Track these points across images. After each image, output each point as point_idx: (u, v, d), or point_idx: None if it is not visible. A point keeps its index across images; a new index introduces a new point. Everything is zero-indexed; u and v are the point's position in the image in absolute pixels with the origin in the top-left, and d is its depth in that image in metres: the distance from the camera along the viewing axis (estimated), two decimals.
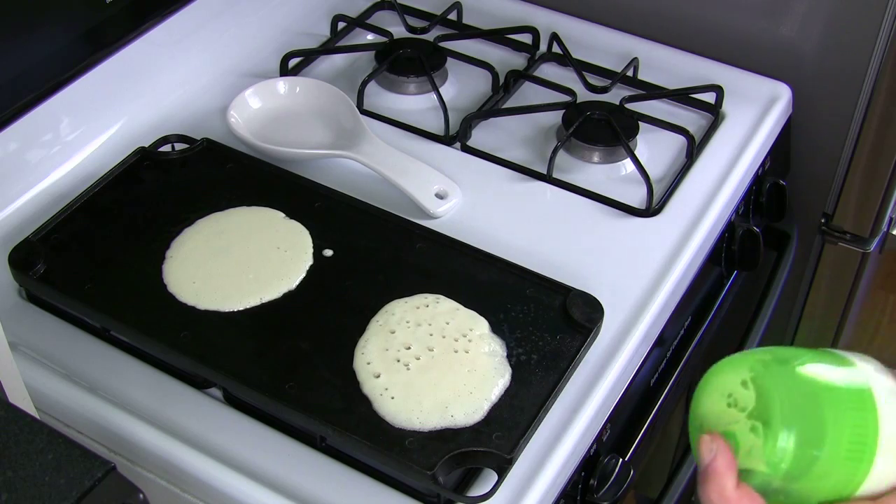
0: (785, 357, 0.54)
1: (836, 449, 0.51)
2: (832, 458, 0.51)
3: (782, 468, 0.52)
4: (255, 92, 1.10)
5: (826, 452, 0.51)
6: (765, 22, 1.19)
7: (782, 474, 0.52)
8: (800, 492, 0.52)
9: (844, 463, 0.52)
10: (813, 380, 0.53)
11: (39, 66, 0.99)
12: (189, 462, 0.79)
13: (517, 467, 0.79)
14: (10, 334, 0.66)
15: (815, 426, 0.51)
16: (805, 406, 0.51)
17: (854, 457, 0.52)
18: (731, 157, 1.10)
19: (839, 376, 0.53)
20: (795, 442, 0.51)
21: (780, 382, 0.52)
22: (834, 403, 0.52)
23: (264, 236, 0.94)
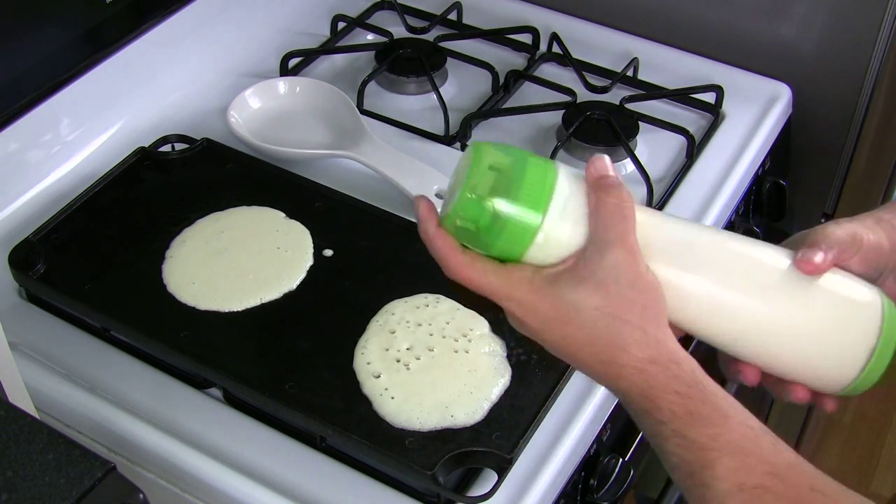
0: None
1: (512, 203, 0.59)
2: (509, 214, 0.59)
3: (468, 217, 0.60)
4: (255, 92, 1.10)
5: (503, 207, 0.59)
6: (765, 22, 1.19)
7: (470, 224, 0.60)
8: (484, 242, 0.60)
9: (518, 219, 0.59)
10: (510, 149, 0.61)
11: (39, 66, 0.99)
12: (189, 462, 0.79)
13: (517, 467, 0.79)
14: (10, 334, 0.66)
15: (500, 184, 0.59)
16: (497, 170, 0.60)
17: (528, 213, 0.59)
18: (731, 157, 1.10)
19: (532, 156, 0.61)
20: (479, 195, 0.59)
21: (487, 150, 0.61)
22: (520, 168, 0.60)
23: (264, 236, 0.94)
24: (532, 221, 0.60)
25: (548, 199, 0.60)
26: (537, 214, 0.59)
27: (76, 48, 1.03)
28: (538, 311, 0.61)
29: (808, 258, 0.63)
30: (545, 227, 0.60)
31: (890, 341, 0.62)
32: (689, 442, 0.59)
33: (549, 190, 0.60)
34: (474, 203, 0.59)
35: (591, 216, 0.61)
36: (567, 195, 0.60)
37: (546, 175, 0.60)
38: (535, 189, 0.59)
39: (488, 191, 0.59)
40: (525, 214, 0.59)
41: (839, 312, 0.64)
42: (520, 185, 0.59)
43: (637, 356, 0.60)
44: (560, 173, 0.61)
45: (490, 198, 0.59)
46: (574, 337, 0.61)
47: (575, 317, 0.61)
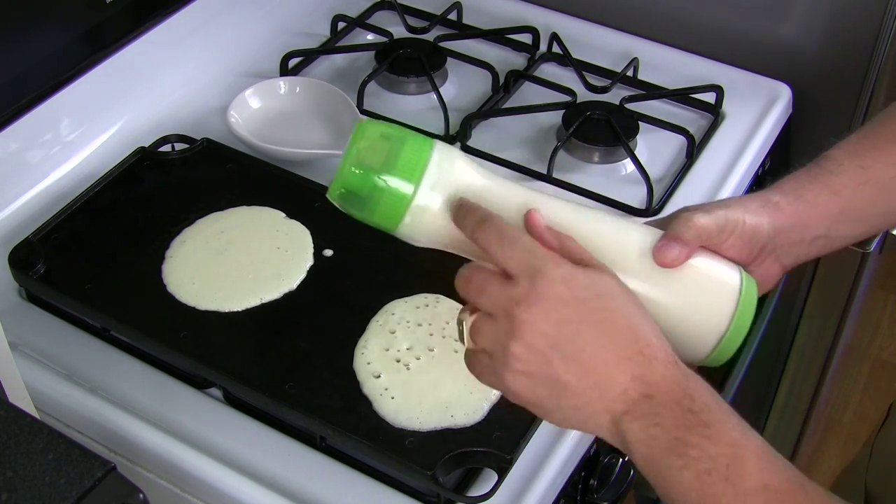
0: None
1: (389, 173, 0.65)
2: (386, 185, 0.65)
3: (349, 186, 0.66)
4: (255, 92, 1.10)
5: (381, 177, 0.65)
6: (765, 22, 1.19)
7: (352, 191, 0.66)
8: (366, 209, 0.66)
9: (394, 190, 0.65)
10: (393, 127, 0.67)
11: (39, 66, 0.99)
12: (189, 462, 0.79)
13: (517, 467, 0.79)
14: (10, 334, 0.66)
15: (379, 157, 0.65)
16: (380, 142, 0.65)
17: (403, 183, 0.64)
18: (731, 157, 1.10)
19: (413, 133, 0.67)
20: (359, 166, 0.65)
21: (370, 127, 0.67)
22: (398, 143, 0.65)
23: (264, 236, 0.94)
24: (405, 191, 0.65)
25: (421, 172, 0.65)
26: (410, 185, 0.65)
27: (76, 48, 1.03)
28: (576, 279, 0.60)
29: (665, 253, 0.65)
30: (418, 197, 0.65)
31: (745, 317, 0.66)
32: (719, 434, 0.57)
33: (423, 164, 0.65)
34: (355, 174, 0.65)
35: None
36: (440, 170, 0.65)
37: (422, 150, 0.65)
38: (411, 162, 0.65)
39: (369, 163, 0.65)
40: (399, 184, 0.65)
41: (696, 291, 0.67)
42: (396, 158, 0.65)
43: (668, 349, 0.60)
44: (436, 149, 0.66)
45: (369, 169, 0.65)
46: (614, 310, 0.60)
47: (614, 294, 0.61)
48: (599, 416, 0.60)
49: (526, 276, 0.60)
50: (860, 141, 0.75)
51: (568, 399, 0.61)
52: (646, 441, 0.59)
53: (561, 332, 0.60)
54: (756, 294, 0.67)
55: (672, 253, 0.65)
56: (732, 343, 0.67)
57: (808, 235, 0.72)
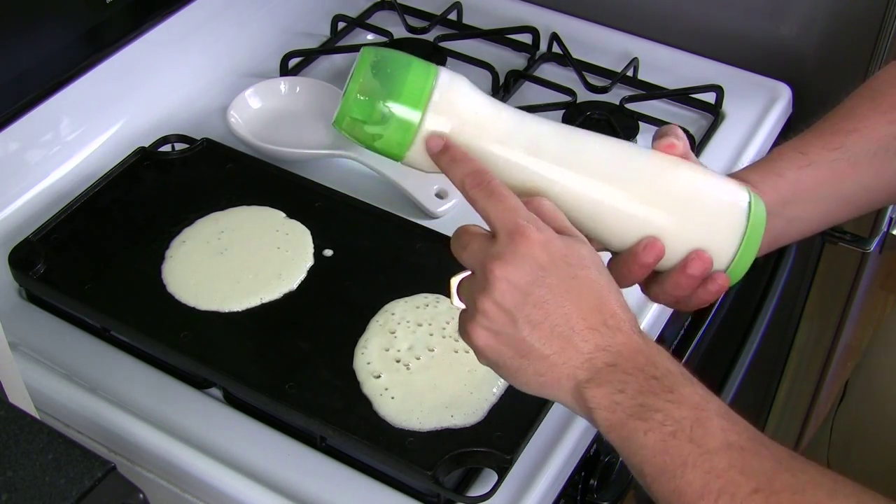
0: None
1: (394, 99, 0.65)
2: (392, 112, 0.65)
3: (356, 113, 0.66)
4: (255, 92, 1.10)
5: (389, 104, 0.65)
6: (765, 22, 1.18)
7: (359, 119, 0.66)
8: (372, 135, 0.66)
9: (399, 117, 0.65)
10: (398, 52, 0.67)
11: (39, 66, 0.99)
12: (189, 462, 0.79)
13: (517, 467, 0.79)
14: (10, 334, 0.66)
15: (383, 84, 0.65)
16: (383, 70, 0.66)
17: (408, 110, 0.65)
18: (731, 157, 1.10)
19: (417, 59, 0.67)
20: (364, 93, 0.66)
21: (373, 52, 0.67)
22: (403, 69, 0.66)
23: (264, 236, 0.94)
24: (411, 118, 0.65)
25: (427, 98, 0.65)
26: (416, 112, 0.65)
27: (76, 48, 1.03)
28: (552, 244, 0.62)
29: (668, 142, 0.69)
30: (425, 124, 0.65)
31: (755, 233, 0.68)
32: (682, 397, 0.59)
33: (428, 89, 0.65)
34: (360, 101, 0.66)
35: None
36: (445, 95, 0.66)
37: (427, 75, 0.66)
38: (416, 88, 0.65)
39: (373, 90, 0.65)
40: (405, 111, 0.65)
41: (706, 209, 0.69)
42: (402, 84, 0.65)
43: (633, 320, 0.62)
44: (442, 74, 0.66)
45: (374, 96, 0.65)
46: (582, 279, 0.62)
47: (587, 263, 0.62)
48: (562, 382, 0.62)
49: (506, 233, 0.62)
50: (802, 136, 0.79)
51: (531, 363, 0.62)
52: (609, 407, 0.60)
53: (530, 294, 0.61)
54: (764, 211, 0.69)
55: (674, 137, 0.68)
56: (744, 261, 0.68)
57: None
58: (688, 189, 0.69)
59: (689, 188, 0.69)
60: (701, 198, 0.69)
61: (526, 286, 0.61)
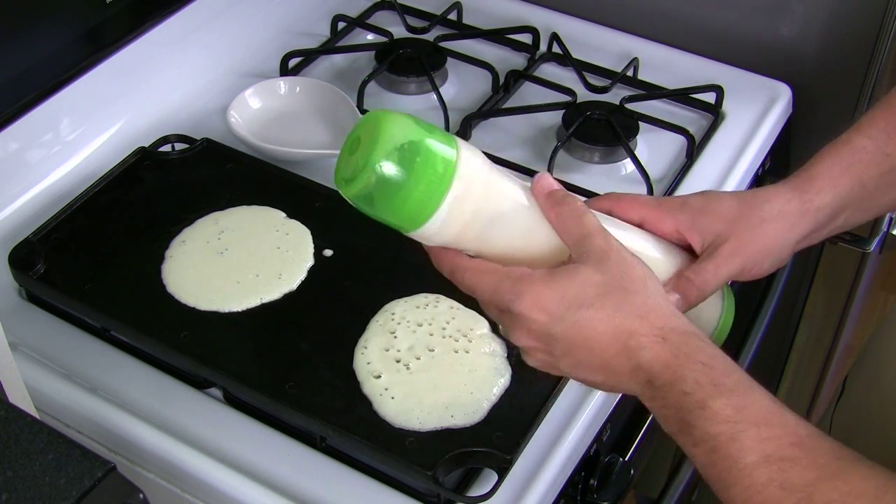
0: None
1: (419, 176, 0.61)
2: (414, 186, 0.61)
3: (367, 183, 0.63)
4: (255, 92, 1.10)
5: (410, 180, 0.61)
6: (765, 22, 1.18)
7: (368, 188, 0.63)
8: (385, 208, 0.63)
9: (423, 192, 0.62)
10: (415, 125, 0.63)
11: (39, 66, 0.99)
12: (189, 462, 0.79)
13: (517, 467, 0.79)
14: (10, 334, 0.66)
15: (403, 157, 0.61)
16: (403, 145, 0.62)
17: (431, 189, 0.62)
18: (731, 157, 1.10)
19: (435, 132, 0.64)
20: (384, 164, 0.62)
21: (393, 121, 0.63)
22: (423, 147, 0.62)
23: (264, 236, 0.94)
24: (438, 188, 0.62)
25: (454, 165, 0.62)
26: (445, 181, 0.62)
27: (76, 48, 1.03)
28: (543, 302, 0.62)
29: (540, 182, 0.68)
30: (450, 195, 0.62)
31: (730, 308, 0.70)
32: (713, 413, 0.58)
33: (453, 160, 0.62)
34: (382, 169, 0.62)
35: (557, 225, 0.65)
36: (469, 166, 0.63)
37: (451, 142, 0.63)
38: (440, 158, 0.62)
39: (397, 158, 0.61)
40: (433, 180, 0.62)
41: None
42: (428, 154, 0.62)
43: (656, 323, 0.61)
44: (459, 142, 0.64)
45: (401, 163, 0.61)
46: (587, 319, 0.61)
47: (583, 299, 0.61)
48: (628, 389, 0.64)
49: (498, 312, 0.66)
50: (874, 124, 0.76)
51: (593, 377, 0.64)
52: (662, 418, 0.61)
53: (552, 349, 0.64)
54: (734, 299, 0.71)
55: (545, 181, 0.68)
56: (721, 335, 0.70)
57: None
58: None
59: None
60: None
61: (544, 353, 0.64)
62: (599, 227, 0.64)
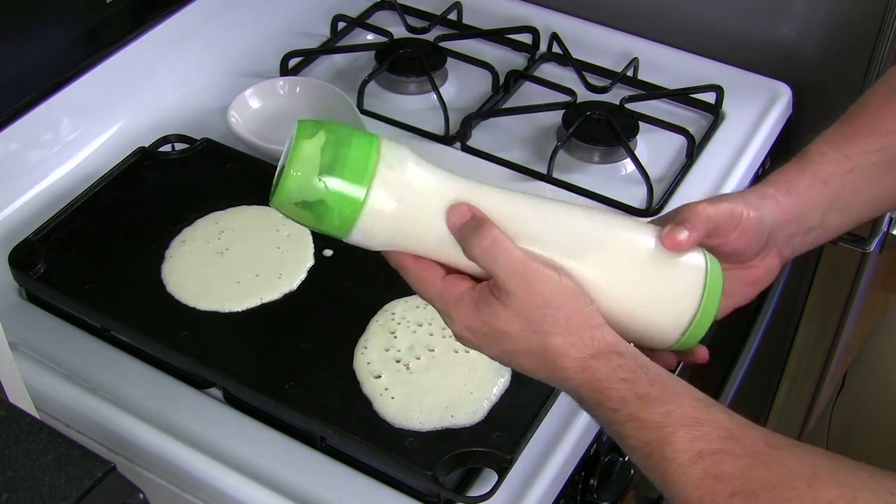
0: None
1: (340, 174, 0.61)
2: (337, 185, 0.61)
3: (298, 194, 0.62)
4: (255, 92, 1.10)
5: (330, 180, 0.61)
6: (765, 22, 1.18)
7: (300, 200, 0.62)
8: (315, 217, 0.63)
9: (346, 188, 0.61)
10: (335, 126, 0.63)
11: (39, 66, 0.99)
12: (189, 462, 0.79)
13: (517, 467, 0.79)
14: (10, 334, 0.66)
15: (325, 161, 0.61)
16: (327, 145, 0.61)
17: (354, 184, 0.61)
18: (731, 157, 1.10)
19: (357, 131, 0.63)
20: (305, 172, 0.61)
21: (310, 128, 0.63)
22: (345, 144, 0.62)
23: (264, 236, 0.94)
24: (356, 196, 0.61)
25: (371, 174, 0.62)
26: (361, 189, 0.61)
27: (76, 48, 1.03)
28: (472, 329, 0.65)
29: (673, 236, 0.66)
30: (369, 201, 0.62)
31: (713, 297, 0.67)
32: (643, 423, 0.60)
33: (372, 164, 0.62)
34: (300, 180, 0.61)
35: (477, 260, 0.64)
36: (390, 168, 0.62)
37: (370, 150, 0.62)
38: (359, 165, 0.61)
39: (316, 168, 0.61)
40: (348, 189, 0.61)
41: (662, 275, 0.67)
42: (344, 161, 0.61)
43: (576, 357, 0.63)
44: (383, 147, 0.63)
45: (315, 175, 0.61)
46: (512, 352, 0.65)
47: (506, 339, 0.64)
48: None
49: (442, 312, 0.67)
50: (841, 131, 0.76)
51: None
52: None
53: (488, 352, 0.67)
54: (721, 273, 0.68)
55: (681, 236, 0.66)
56: (702, 325, 0.67)
57: (803, 226, 0.74)
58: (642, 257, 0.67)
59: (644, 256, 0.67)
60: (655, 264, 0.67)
61: (479, 347, 0.67)
62: (517, 265, 0.63)
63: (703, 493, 0.58)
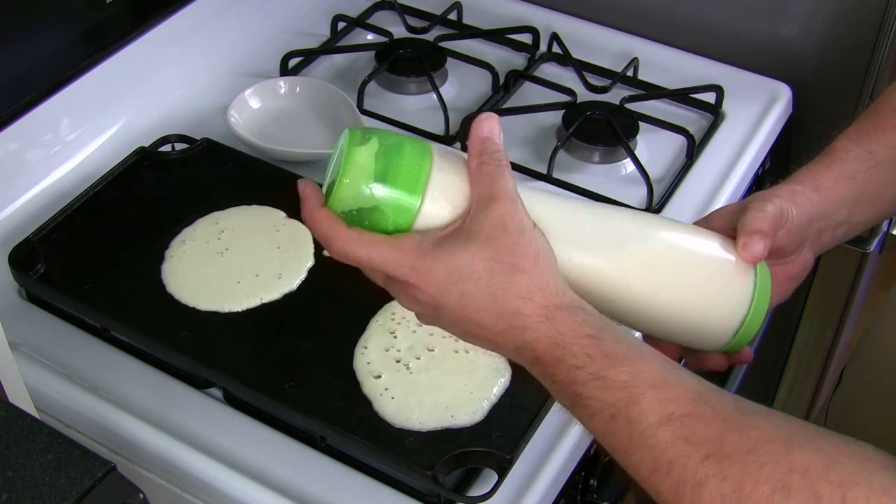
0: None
1: (394, 182, 0.61)
2: (391, 193, 0.62)
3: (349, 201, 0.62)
4: (255, 92, 1.10)
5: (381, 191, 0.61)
6: (765, 22, 1.19)
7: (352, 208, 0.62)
8: (373, 217, 0.62)
9: (397, 202, 0.62)
10: (387, 135, 0.63)
11: (39, 66, 0.99)
12: (189, 462, 0.79)
13: (517, 467, 0.79)
14: (10, 334, 0.66)
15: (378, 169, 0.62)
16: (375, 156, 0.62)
17: (406, 196, 0.61)
18: (731, 157, 1.10)
19: (409, 139, 0.64)
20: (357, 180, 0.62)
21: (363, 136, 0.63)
22: (396, 152, 0.62)
23: (264, 236, 0.94)
24: (410, 204, 0.62)
25: (425, 182, 0.62)
26: (415, 197, 0.62)
27: (76, 48, 1.03)
28: (432, 274, 0.61)
29: (751, 248, 0.65)
30: (423, 208, 0.62)
31: (762, 299, 0.66)
32: (609, 382, 0.57)
33: (425, 172, 0.62)
34: (353, 188, 0.62)
35: (473, 176, 0.63)
36: (444, 175, 0.62)
37: (423, 158, 0.62)
38: (412, 172, 0.62)
39: (368, 176, 0.61)
40: (403, 197, 0.62)
41: (712, 279, 0.67)
42: (397, 169, 0.61)
43: (541, 303, 0.60)
44: (435, 154, 0.63)
45: (369, 183, 0.61)
46: (473, 295, 0.61)
47: (471, 273, 0.60)
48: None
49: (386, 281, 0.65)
50: (863, 128, 0.77)
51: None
52: (555, 392, 0.61)
53: (440, 321, 0.64)
54: (768, 272, 0.67)
55: (758, 248, 0.66)
56: (753, 326, 0.66)
57: (831, 222, 0.74)
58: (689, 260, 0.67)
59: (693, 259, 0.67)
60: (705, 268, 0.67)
61: (432, 319, 0.64)
62: (509, 194, 0.62)
63: (674, 456, 0.55)
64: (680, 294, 0.66)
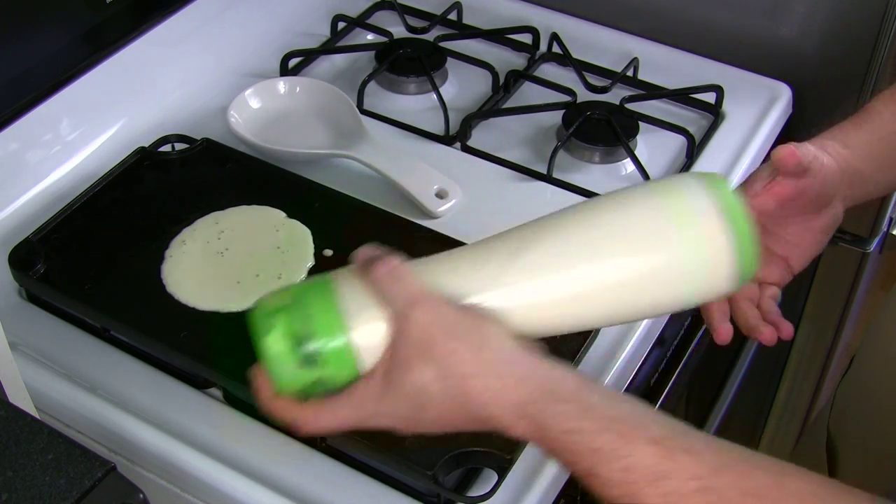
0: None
1: (315, 343, 0.60)
2: (321, 358, 0.60)
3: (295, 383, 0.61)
4: (255, 92, 1.10)
5: (311, 358, 0.60)
6: (765, 22, 1.19)
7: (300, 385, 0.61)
8: (325, 382, 0.61)
9: (329, 351, 0.60)
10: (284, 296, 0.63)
11: (39, 66, 0.99)
12: (189, 462, 0.79)
13: (517, 467, 0.79)
14: (10, 334, 0.66)
15: (297, 337, 0.60)
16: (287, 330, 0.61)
17: (332, 341, 0.60)
18: (731, 157, 1.10)
19: (308, 287, 0.63)
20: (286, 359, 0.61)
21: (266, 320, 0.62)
22: (303, 308, 0.61)
23: (264, 236, 0.94)
24: (342, 350, 0.60)
25: (342, 322, 0.60)
26: (342, 339, 0.60)
27: (76, 48, 1.03)
28: (399, 411, 0.61)
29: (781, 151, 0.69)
30: (356, 343, 0.60)
31: (741, 228, 0.61)
32: (604, 481, 0.57)
33: (337, 310, 0.60)
34: (286, 376, 0.61)
35: (374, 291, 0.61)
36: (355, 299, 0.61)
37: (326, 303, 0.61)
38: (326, 324, 0.60)
39: (290, 359, 0.60)
40: (332, 351, 0.60)
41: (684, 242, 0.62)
42: (312, 332, 0.60)
43: (511, 402, 0.59)
44: (339, 284, 0.62)
45: (295, 363, 0.60)
46: (443, 412, 0.60)
47: (429, 398, 0.59)
48: None
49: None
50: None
51: None
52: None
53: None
54: (732, 195, 0.62)
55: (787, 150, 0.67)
56: (747, 254, 0.62)
57: (861, 178, 0.75)
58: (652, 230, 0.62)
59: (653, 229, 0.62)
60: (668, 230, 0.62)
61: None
62: (419, 292, 0.60)
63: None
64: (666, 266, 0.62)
